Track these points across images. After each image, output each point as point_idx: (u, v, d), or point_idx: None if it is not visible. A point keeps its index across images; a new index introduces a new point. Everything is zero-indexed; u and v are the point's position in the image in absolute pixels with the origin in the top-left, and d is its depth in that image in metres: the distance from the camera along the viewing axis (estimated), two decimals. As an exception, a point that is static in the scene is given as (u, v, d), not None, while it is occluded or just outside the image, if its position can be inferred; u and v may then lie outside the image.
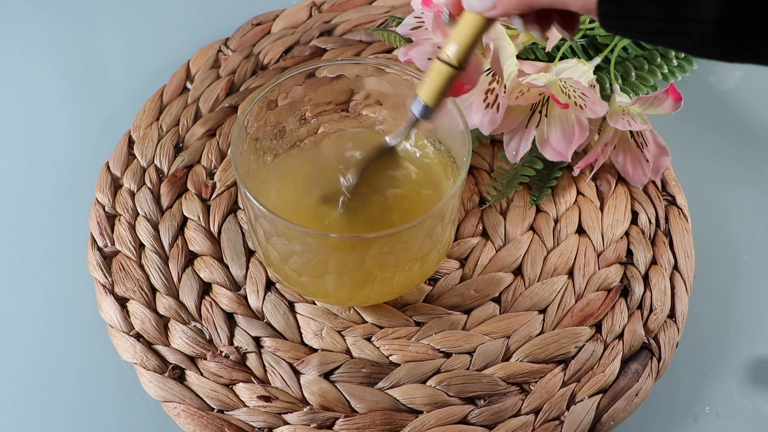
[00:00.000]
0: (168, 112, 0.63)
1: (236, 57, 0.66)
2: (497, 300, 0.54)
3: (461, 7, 0.39)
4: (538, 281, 0.54)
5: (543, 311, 0.53)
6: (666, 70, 0.60)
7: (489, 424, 0.49)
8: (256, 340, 0.52)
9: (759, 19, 0.29)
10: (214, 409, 0.49)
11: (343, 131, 0.55)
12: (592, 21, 0.60)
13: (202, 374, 0.51)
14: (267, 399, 0.49)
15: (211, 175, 0.59)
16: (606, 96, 0.55)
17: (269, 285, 0.54)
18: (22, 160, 0.63)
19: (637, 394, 0.50)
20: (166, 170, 0.59)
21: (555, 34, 0.53)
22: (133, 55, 0.70)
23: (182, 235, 0.56)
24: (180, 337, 0.52)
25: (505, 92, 0.51)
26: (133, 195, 0.58)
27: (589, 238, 0.56)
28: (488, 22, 0.38)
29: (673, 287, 0.54)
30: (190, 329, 0.52)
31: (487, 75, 0.53)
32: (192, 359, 0.51)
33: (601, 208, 0.58)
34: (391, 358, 0.51)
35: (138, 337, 0.52)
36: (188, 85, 0.65)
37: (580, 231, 0.57)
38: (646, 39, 0.33)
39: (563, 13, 0.38)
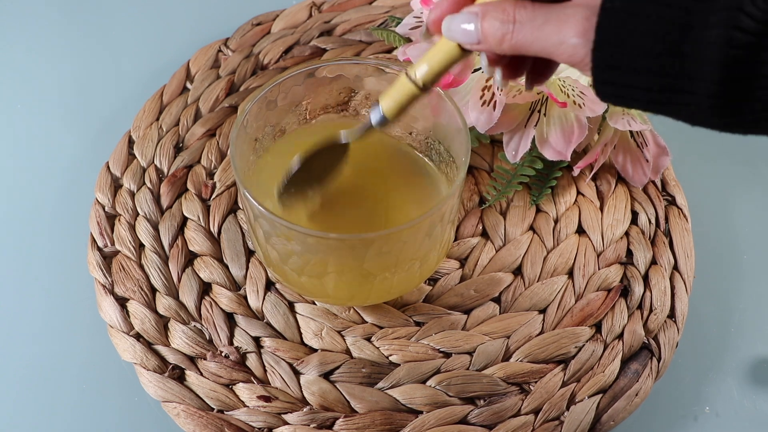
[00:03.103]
0: (168, 112, 0.63)
1: (236, 57, 0.66)
2: (497, 300, 0.54)
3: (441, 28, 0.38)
4: (538, 281, 0.54)
5: (543, 311, 0.53)
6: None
7: (489, 424, 0.49)
8: (256, 340, 0.52)
9: (757, 96, 0.29)
10: (214, 409, 0.50)
11: (339, 122, 0.55)
12: None
13: (202, 374, 0.51)
14: (267, 399, 0.49)
15: (211, 175, 0.59)
16: (606, 96, 0.55)
17: (269, 285, 0.54)
18: (23, 160, 0.63)
19: (637, 394, 0.50)
20: (166, 170, 0.59)
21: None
22: (133, 55, 0.70)
23: (182, 235, 0.56)
24: (180, 337, 0.52)
25: (501, 90, 0.51)
26: (133, 195, 0.58)
27: (589, 238, 0.56)
28: (463, 54, 0.37)
29: (673, 287, 0.54)
30: (190, 329, 0.52)
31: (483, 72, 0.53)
32: (192, 359, 0.51)
33: (601, 208, 0.58)
34: (391, 358, 0.51)
35: (138, 337, 0.52)
36: (188, 85, 0.65)
37: (580, 231, 0.57)
38: (641, 107, 0.32)
39: (540, 61, 0.38)
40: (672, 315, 0.54)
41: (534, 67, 0.38)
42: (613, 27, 0.31)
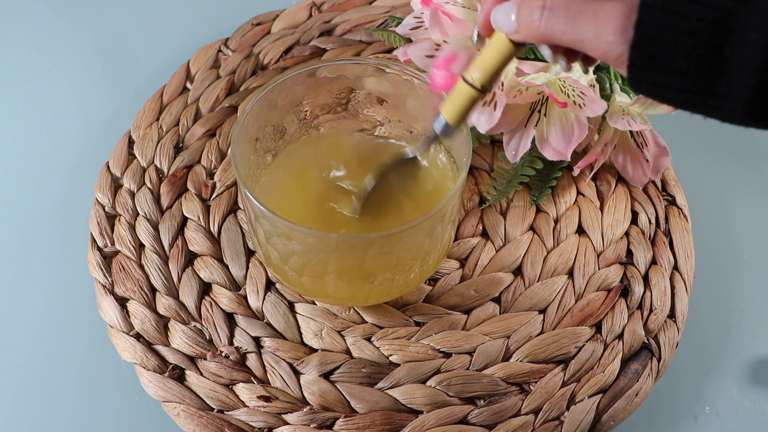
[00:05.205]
0: (168, 112, 0.63)
1: (236, 57, 0.66)
2: (497, 300, 0.54)
3: (491, 29, 0.38)
4: (538, 281, 0.54)
5: (543, 311, 0.53)
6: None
7: (489, 424, 0.49)
8: (256, 340, 0.52)
9: None
10: (214, 409, 0.49)
11: (342, 131, 0.55)
12: None
13: (202, 374, 0.51)
14: (267, 399, 0.49)
15: (211, 175, 0.59)
16: (606, 96, 0.55)
17: (269, 285, 0.54)
18: (23, 160, 0.63)
19: (637, 394, 0.50)
20: (166, 170, 0.59)
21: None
22: (133, 55, 0.70)
23: (182, 235, 0.56)
24: (180, 337, 0.52)
25: (502, 90, 0.51)
26: (133, 195, 0.58)
27: (589, 238, 0.56)
28: (515, 49, 0.38)
29: (673, 287, 0.54)
30: (190, 329, 0.52)
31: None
32: (192, 359, 0.51)
33: (601, 208, 0.58)
34: (391, 358, 0.51)
35: (138, 337, 0.52)
36: (188, 85, 0.65)
37: (580, 231, 0.57)
38: (675, 105, 0.32)
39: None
40: (672, 315, 0.54)
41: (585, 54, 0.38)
42: (654, 26, 0.30)
